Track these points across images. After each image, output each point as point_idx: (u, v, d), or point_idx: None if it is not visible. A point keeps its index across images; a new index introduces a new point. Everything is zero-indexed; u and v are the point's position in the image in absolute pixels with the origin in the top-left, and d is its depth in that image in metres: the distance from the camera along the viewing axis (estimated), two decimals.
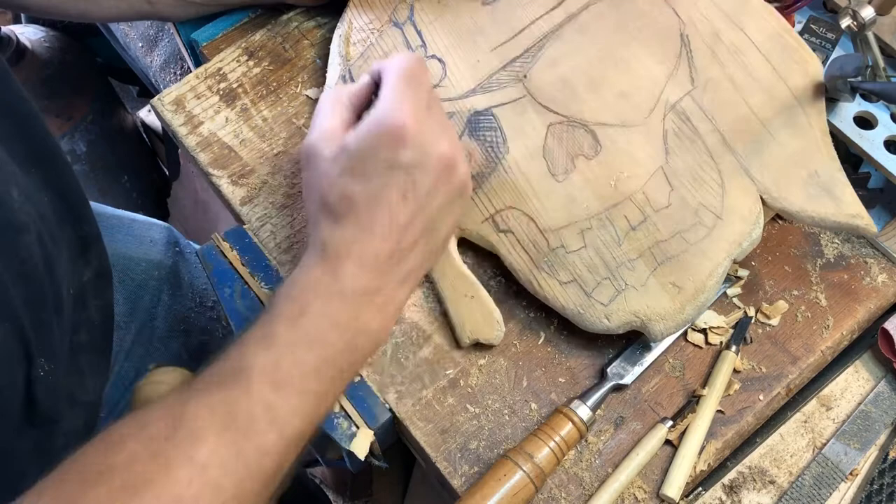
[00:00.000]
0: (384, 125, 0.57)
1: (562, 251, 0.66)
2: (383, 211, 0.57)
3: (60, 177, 0.73)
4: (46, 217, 0.67)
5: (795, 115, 0.68)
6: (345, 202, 0.58)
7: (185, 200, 1.62)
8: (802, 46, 0.70)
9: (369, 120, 0.58)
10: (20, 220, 0.61)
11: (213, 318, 1.00)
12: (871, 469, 0.65)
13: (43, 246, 0.64)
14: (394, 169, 0.57)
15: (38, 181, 0.68)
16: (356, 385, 0.65)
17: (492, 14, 0.74)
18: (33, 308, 0.62)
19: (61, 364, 0.67)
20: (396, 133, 0.56)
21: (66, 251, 0.71)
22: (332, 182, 0.58)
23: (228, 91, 0.78)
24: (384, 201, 0.57)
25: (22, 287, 0.60)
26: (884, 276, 0.70)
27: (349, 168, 0.58)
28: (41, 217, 0.65)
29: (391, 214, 0.57)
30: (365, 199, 0.57)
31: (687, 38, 0.71)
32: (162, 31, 1.25)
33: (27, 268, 0.61)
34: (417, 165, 0.57)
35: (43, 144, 0.72)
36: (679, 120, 0.68)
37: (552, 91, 0.70)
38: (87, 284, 0.76)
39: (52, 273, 0.66)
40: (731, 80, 0.69)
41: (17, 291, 0.59)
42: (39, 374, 0.63)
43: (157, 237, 0.99)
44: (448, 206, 0.60)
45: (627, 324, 0.64)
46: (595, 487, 0.63)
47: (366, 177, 0.57)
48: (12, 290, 0.59)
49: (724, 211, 0.65)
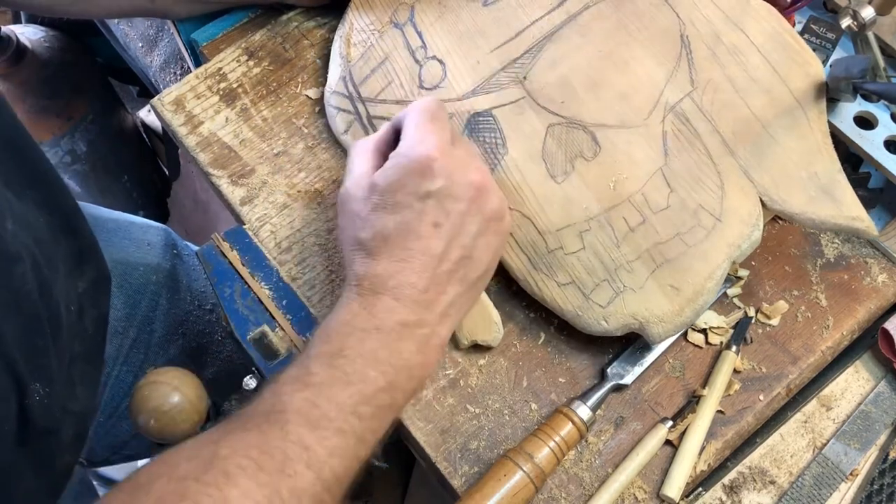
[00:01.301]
0: (410, 157, 0.57)
1: (560, 253, 0.66)
2: (416, 242, 0.57)
3: (54, 194, 0.73)
4: (42, 240, 0.67)
5: (796, 117, 0.68)
6: (378, 238, 0.57)
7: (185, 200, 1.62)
8: (803, 47, 0.70)
9: (395, 155, 0.58)
10: (13, 250, 0.60)
11: (212, 320, 1.00)
12: (872, 469, 0.65)
13: (38, 272, 0.64)
14: (424, 199, 0.57)
15: (32, 203, 0.69)
16: None
17: (492, 15, 0.74)
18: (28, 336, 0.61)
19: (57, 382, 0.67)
20: (423, 163, 0.57)
21: (63, 267, 0.71)
22: (364, 220, 0.58)
23: (228, 91, 0.78)
24: (416, 232, 0.57)
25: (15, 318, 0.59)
26: (884, 276, 0.70)
27: (380, 204, 0.57)
28: (36, 242, 0.65)
29: (425, 244, 0.57)
30: (397, 233, 0.57)
31: (687, 38, 0.71)
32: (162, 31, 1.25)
33: (20, 297, 0.60)
34: (447, 194, 0.57)
35: (35, 164, 0.72)
36: (679, 121, 0.68)
37: (551, 92, 0.70)
38: (82, 296, 0.76)
39: (49, 297, 0.65)
40: (732, 82, 0.69)
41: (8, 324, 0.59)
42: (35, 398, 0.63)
43: (154, 240, 0.99)
44: (484, 235, 0.60)
45: (626, 326, 0.64)
46: (595, 487, 0.63)
47: (397, 210, 0.57)
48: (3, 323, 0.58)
49: (723, 213, 0.65)
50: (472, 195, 0.58)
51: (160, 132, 1.64)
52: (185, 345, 0.97)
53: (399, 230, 0.57)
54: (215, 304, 1.00)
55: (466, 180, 0.58)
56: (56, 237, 0.71)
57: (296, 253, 0.71)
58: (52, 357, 0.65)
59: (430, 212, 0.57)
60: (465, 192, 0.58)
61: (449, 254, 0.58)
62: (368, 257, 0.58)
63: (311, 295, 0.69)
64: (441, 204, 0.57)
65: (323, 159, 0.75)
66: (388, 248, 0.57)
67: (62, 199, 0.75)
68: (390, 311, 0.56)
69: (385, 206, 0.57)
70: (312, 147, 0.76)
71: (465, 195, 0.58)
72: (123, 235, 0.97)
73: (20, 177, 0.68)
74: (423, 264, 0.57)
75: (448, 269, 0.58)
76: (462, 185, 0.58)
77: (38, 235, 0.66)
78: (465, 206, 0.58)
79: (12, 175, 0.66)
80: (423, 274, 0.57)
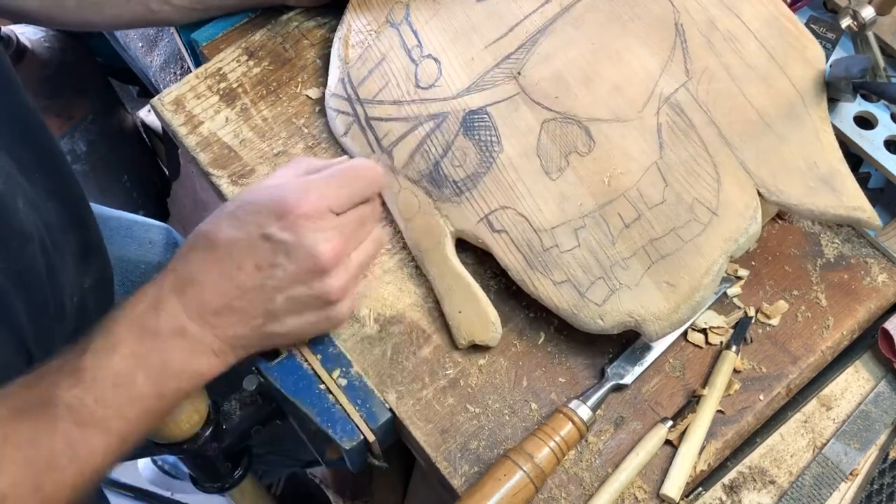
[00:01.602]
0: (279, 194, 0.57)
1: (556, 250, 0.66)
2: (231, 266, 0.56)
3: (65, 185, 0.74)
4: (50, 225, 0.67)
5: (794, 105, 0.66)
6: (208, 239, 0.57)
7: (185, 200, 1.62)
8: (801, 31, 0.68)
9: (276, 183, 0.58)
10: (25, 229, 0.61)
11: None
12: (872, 469, 0.65)
13: (46, 254, 0.64)
14: (262, 237, 0.56)
15: (43, 190, 0.69)
16: (356, 385, 0.65)
17: (486, 10, 0.74)
18: (35, 316, 0.62)
19: None
20: (282, 208, 0.56)
21: (70, 258, 0.72)
22: (214, 217, 0.58)
23: (228, 91, 0.78)
24: (237, 259, 0.56)
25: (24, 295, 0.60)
26: (884, 276, 0.70)
27: (231, 213, 0.58)
28: (45, 226, 0.66)
29: (236, 274, 0.56)
30: (224, 246, 0.57)
31: (681, 26, 0.69)
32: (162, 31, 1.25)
33: (30, 276, 0.61)
34: (285, 249, 0.56)
35: (48, 153, 0.73)
36: (673, 113, 0.67)
37: (545, 87, 0.70)
38: (87, 291, 0.76)
39: (55, 281, 0.66)
40: (728, 70, 0.67)
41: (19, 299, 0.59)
42: None
43: (155, 238, 0.99)
44: (304, 309, 0.59)
45: (622, 324, 0.64)
46: (595, 487, 0.63)
47: (237, 228, 0.57)
48: (14, 298, 0.59)
49: (719, 206, 0.64)
50: (309, 266, 0.57)
51: (160, 132, 1.64)
52: None
53: (226, 245, 0.57)
54: None
55: (314, 249, 0.56)
56: (65, 227, 0.72)
57: None
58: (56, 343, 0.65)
59: (260, 253, 0.56)
60: (305, 258, 0.56)
61: (252, 296, 0.57)
62: (189, 249, 0.58)
63: None
64: (274, 253, 0.56)
65: None
66: (208, 253, 0.57)
67: (73, 191, 0.75)
68: (173, 315, 0.56)
69: (232, 217, 0.57)
70: (312, 147, 0.76)
71: (302, 261, 0.56)
72: (125, 234, 0.98)
73: (33, 164, 0.68)
74: (224, 289, 0.56)
75: (244, 308, 0.57)
76: (304, 250, 0.56)
77: (47, 220, 0.67)
78: (295, 270, 0.57)
79: (26, 162, 0.67)
80: (218, 297, 0.56)
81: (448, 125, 0.71)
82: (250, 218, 0.57)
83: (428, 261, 0.69)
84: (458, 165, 0.69)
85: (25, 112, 0.70)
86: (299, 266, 0.57)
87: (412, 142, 0.71)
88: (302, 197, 0.56)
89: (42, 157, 0.70)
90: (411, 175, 0.71)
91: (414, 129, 0.71)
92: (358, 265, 0.60)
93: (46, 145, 0.72)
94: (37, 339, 0.62)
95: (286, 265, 0.56)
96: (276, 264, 0.56)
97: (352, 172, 0.60)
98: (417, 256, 0.70)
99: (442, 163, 0.70)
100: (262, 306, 0.57)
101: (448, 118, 0.71)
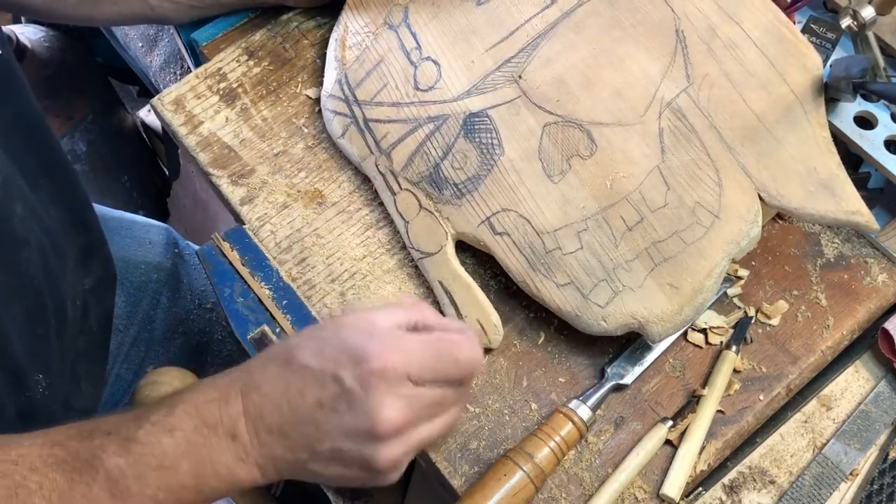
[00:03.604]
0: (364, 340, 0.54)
1: (558, 253, 0.66)
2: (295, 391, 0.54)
3: (68, 188, 0.74)
4: (52, 230, 0.67)
5: (793, 111, 0.67)
6: (288, 355, 0.55)
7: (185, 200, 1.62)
8: (800, 40, 0.69)
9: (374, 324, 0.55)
10: (20, 234, 0.61)
11: (213, 319, 1.00)
12: (872, 469, 0.65)
13: (45, 259, 0.64)
14: (333, 378, 0.53)
15: (46, 194, 0.69)
16: None
17: (486, 14, 0.74)
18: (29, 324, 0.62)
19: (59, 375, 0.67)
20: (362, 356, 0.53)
21: (71, 261, 0.72)
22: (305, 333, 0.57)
23: (228, 91, 0.78)
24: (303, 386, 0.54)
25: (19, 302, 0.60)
26: (884, 276, 0.70)
27: (321, 338, 0.55)
28: (46, 231, 0.66)
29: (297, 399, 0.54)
30: (297, 369, 0.54)
31: (682, 33, 0.70)
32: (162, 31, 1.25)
33: (24, 281, 0.60)
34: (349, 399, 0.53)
35: (53, 157, 0.73)
36: (675, 117, 0.68)
37: (547, 91, 0.70)
38: (88, 293, 0.76)
39: (55, 286, 0.66)
40: (728, 77, 0.68)
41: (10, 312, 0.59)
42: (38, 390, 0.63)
43: (156, 239, 0.99)
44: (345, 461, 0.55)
45: (625, 326, 0.64)
46: (595, 487, 0.63)
47: (316, 356, 0.54)
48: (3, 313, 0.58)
49: (721, 210, 0.65)
50: (365, 426, 0.53)
51: (160, 132, 1.64)
52: (186, 343, 0.97)
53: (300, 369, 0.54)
54: (216, 304, 1.00)
55: (375, 412, 0.52)
56: (67, 230, 0.71)
57: (296, 253, 0.71)
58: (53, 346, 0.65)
59: (326, 391, 0.53)
60: (363, 417, 0.53)
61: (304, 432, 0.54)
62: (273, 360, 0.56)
63: (311, 295, 0.70)
64: (338, 398, 0.53)
65: (323, 159, 0.75)
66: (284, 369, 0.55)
67: (75, 193, 0.75)
68: (233, 418, 0.54)
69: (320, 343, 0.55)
70: (312, 147, 0.76)
71: (360, 418, 0.53)
72: (125, 234, 0.98)
73: (37, 167, 0.68)
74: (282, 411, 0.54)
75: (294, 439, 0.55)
76: (366, 408, 0.53)
77: (49, 225, 0.66)
78: (351, 425, 0.53)
79: (29, 165, 0.67)
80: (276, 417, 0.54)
81: (448, 127, 0.71)
82: (331, 352, 0.54)
83: (428, 263, 0.69)
84: (459, 168, 0.69)
85: (32, 115, 0.70)
86: (356, 422, 0.53)
87: (412, 144, 0.71)
88: (384, 352, 0.53)
89: (46, 161, 0.70)
90: (411, 177, 0.71)
91: (413, 131, 0.71)
92: (419, 441, 0.56)
93: (51, 149, 0.72)
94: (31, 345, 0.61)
95: (344, 415, 0.53)
96: (336, 410, 0.53)
97: (451, 349, 0.56)
98: (417, 258, 0.70)
99: (442, 165, 0.70)
100: (309, 444, 0.55)
101: (448, 121, 0.71)
